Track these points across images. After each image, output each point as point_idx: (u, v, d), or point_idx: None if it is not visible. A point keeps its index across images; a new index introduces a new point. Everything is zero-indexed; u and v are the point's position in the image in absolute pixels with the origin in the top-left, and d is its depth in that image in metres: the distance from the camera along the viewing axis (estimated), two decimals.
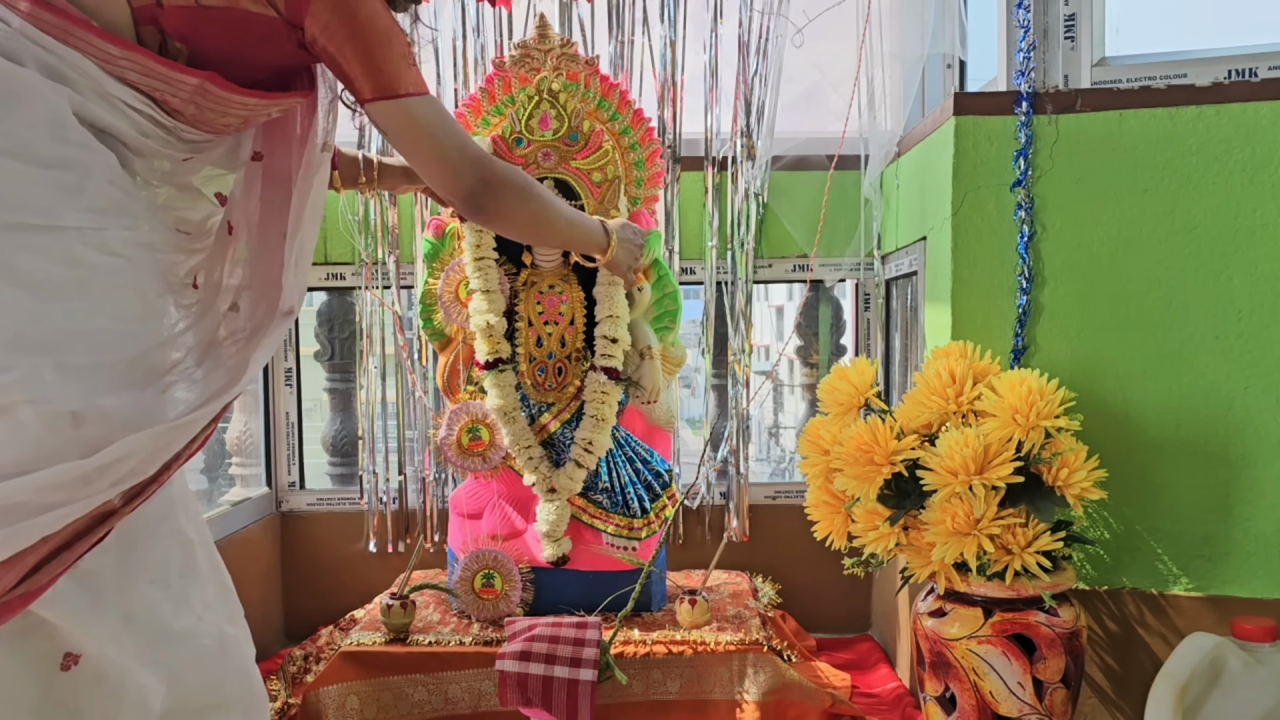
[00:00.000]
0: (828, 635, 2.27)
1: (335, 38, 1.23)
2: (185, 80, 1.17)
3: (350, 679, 1.69)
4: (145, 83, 1.16)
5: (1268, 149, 1.67)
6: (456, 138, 1.33)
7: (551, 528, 1.84)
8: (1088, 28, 1.88)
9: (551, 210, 1.50)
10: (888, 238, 2.27)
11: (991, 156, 1.76)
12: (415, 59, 1.33)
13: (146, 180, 1.24)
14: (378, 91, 1.26)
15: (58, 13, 1.10)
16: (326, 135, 1.38)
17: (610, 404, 1.84)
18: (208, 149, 1.29)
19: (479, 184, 1.34)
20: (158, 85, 1.17)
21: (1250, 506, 1.69)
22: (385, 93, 1.26)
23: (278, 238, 1.33)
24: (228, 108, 1.23)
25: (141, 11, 1.16)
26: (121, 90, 1.15)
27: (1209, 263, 1.70)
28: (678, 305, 1.96)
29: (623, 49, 2.26)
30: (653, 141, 1.92)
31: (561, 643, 1.59)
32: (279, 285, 1.32)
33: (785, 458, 3.35)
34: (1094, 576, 1.76)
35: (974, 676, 1.54)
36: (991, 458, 1.48)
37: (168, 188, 1.27)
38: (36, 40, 1.09)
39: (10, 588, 1.03)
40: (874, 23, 2.23)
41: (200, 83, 1.18)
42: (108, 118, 1.15)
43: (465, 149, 1.34)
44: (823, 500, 1.67)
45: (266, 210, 1.35)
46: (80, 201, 1.10)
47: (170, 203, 1.27)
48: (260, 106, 1.26)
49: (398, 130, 1.29)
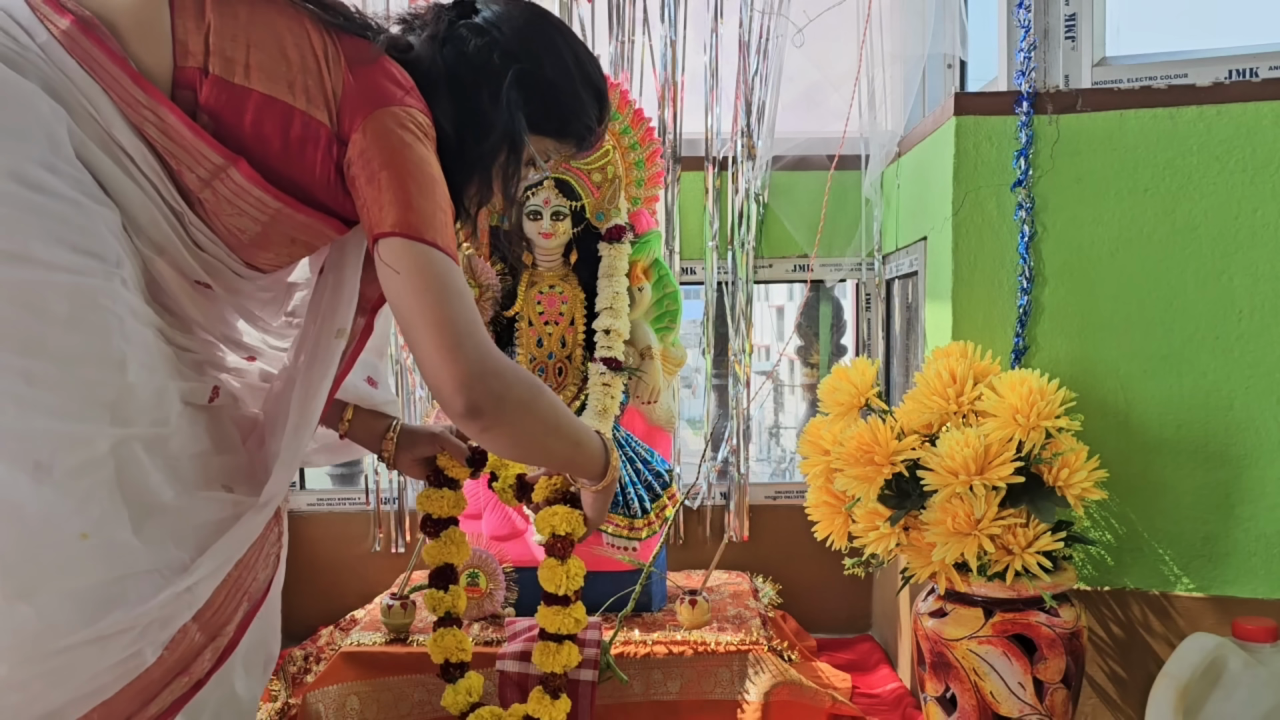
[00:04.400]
0: (828, 635, 2.27)
1: (376, 159, 1.10)
2: (210, 156, 1.06)
3: (350, 679, 1.69)
4: (162, 143, 1.05)
5: (1268, 149, 1.67)
6: (470, 311, 1.09)
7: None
8: (1088, 28, 1.88)
9: (558, 419, 1.22)
10: (888, 238, 2.27)
11: (992, 156, 1.76)
12: (454, 227, 1.16)
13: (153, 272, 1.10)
14: (399, 226, 1.07)
15: (95, 40, 1.02)
16: (341, 319, 1.22)
17: (612, 395, 1.84)
18: (220, 273, 1.16)
19: (480, 368, 1.07)
20: (176, 152, 1.05)
21: (1251, 506, 1.69)
22: (408, 230, 1.07)
23: (280, 421, 1.21)
24: (245, 204, 1.10)
25: (184, 73, 1.06)
26: (133, 142, 1.03)
27: (1210, 263, 1.70)
28: (678, 305, 1.96)
29: (623, 49, 2.26)
30: (653, 141, 1.92)
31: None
32: (268, 465, 1.20)
33: (786, 458, 3.35)
34: (1095, 577, 1.76)
35: (974, 677, 1.54)
36: (992, 458, 1.48)
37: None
38: (55, 59, 1.00)
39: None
40: (874, 23, 2.23)
41: (225, 164, 1.07)
42: (109, 170, 1.02)
43: (475, 326, 1.09)
44: (823, 500, 1.67)
45: (273, 400, 1.26)
46: (62, 234, 0.95)
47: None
48: (280, 216, 1.13)
49: (404, 275, 1.07)
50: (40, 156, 0.96)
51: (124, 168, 1.04)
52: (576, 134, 1.33)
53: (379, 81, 1.14)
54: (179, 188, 1.08)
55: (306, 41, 1.12)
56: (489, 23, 1.26)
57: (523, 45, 1.25)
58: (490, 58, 1.22)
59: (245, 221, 1.12)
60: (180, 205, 1.09)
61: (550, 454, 1.28)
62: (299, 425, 1.20)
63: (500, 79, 1.22)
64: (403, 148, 1.11)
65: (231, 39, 1.08)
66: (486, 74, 1.22)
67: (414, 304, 1.07)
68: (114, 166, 1.03)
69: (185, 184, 1.08)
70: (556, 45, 1.28)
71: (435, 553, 1.48)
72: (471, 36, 1.24)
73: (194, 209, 1.10)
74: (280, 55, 1.10)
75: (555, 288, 1.89)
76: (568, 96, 1.29)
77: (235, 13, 1.09)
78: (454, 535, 1.48)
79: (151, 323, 1.07)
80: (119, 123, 1.03)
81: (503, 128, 1.22)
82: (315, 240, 1.20)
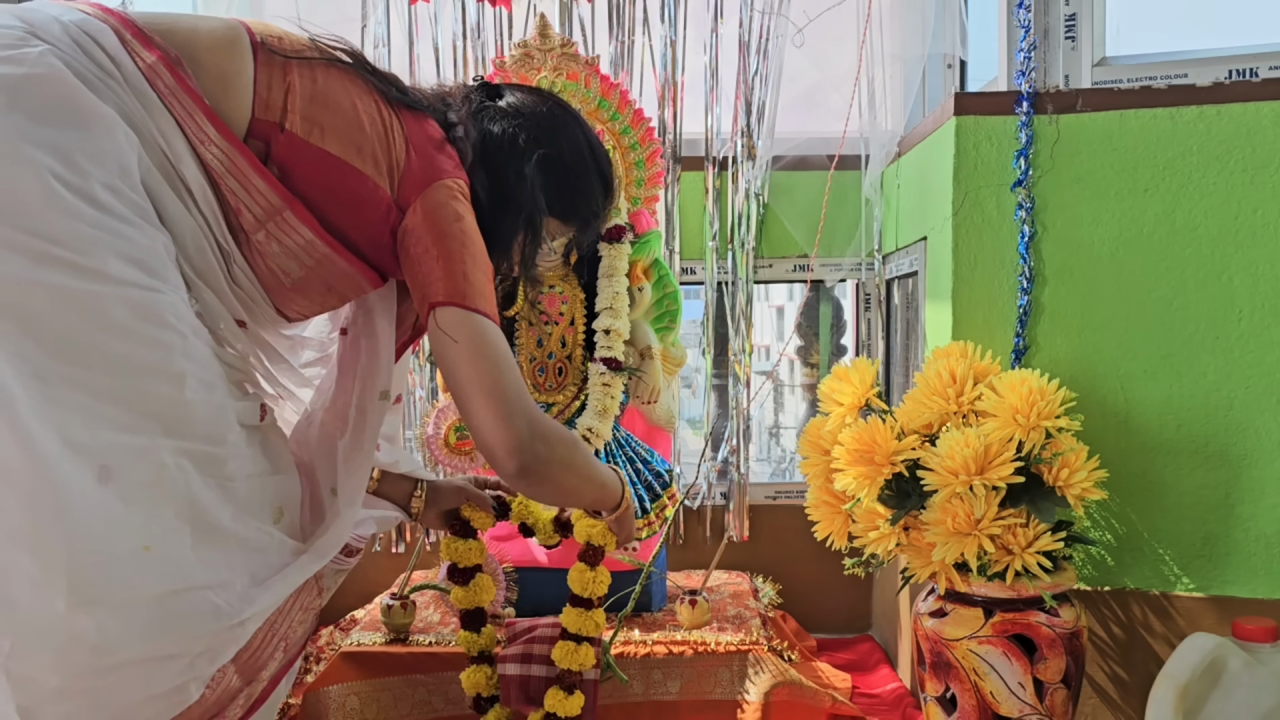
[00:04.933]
0: (828, 635, 2.27)
1: (433, 231, 1.17)
2: (270, 197, 1.11)
3: (350, 679, 1.69)
4: (226, 181, 1.09)
5: (1268, 149, 1.67)
6: (517, 378, 1.18)
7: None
8: (1088, 28, 1.88)
9: (590, 470, 1.32)
10: (888, 238, 2.27)
11: (992, 156, 1.76)
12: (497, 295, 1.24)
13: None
14: (452, 296, 1.15)
15: (178, 76, 1.06)
16: (384, 382, 1.28)
17: (612, 395, 1.84)
18: (253, 313, 1.19)
19: (530, 436, 1.16)
20: (238, 191, 1.10)
21: (1251, 506, 1.69)
22: (463, 300, 1.15)
23: (323, 472, 1.27)
24: (295, 245, 1.15)
25: (261, 124, 1.11)
26: (196, 177, 1.08)
27: (1210, 263, 1.70)
28: (678, 305, 1.96)
29: (623, 49, 2.26)
30: (653, 141, 1.92)
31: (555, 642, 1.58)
32: (322, 511, 1.25)
33: (786, 458, 3.35)
34: (1095, 577, 1.76)
35: (974, 677, 1.54)
36: (992, 458, 1.48)
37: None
38: (136, 88, 1.04)
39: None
40: (874, 23, 2.23)
41: (283, 205, 1.12)
42: (169, 200, 1.06)
43: (523, 393, 1.18)
44: (823, 500, 1.67)
45: (309, 448, 1.29)
46: (129, 253, 0.98)
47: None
48: (325, 262, 1.18)
49: (461, 344, 1.15)
50: (108, 180, 0.99)
51: (183, 200, 1.07)
52: (582, 217, 1.43)
53: (434, 156, 1.22)
54: (230, 227, 1.12)
55: (375, 113, 1.19)
56: (513, 107, 1.35)
57: (544, 130, 1.34)
58: (517, 140, 1.31)
59: (291, 264, 1.16)
60: (229, 244, 1.13)
61: (581, 497, 1.39)
62: (353, 488, 1.26)
63: (525, 160, 1.30)
64: (457, 220, 1.19)
65: (311, 101, 1.14)
66: (513, 155, 1.31)
67: (470, 372, 1.15)
68: (174, 198, 1.07)
69: (241, 223, 1.12)
70: (573, 133, 1.38)
71: (466, 599, 1.54)
72: (499, 118, 1.33)
73: (241, 249, 1.14)
74: (354, 122, 1.17)
75: (555, 288, 1.89)
76: (581, 182, 1.39)
77: (315, 77, 1.16)
78: (482, 582, 1.54)
79: (209, 342, 1.09)
80: (187, 157, 1.07)
81: (527, 206, 1.30)
82: (349, 291, 1.25)
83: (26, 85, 0.96)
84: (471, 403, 1.16)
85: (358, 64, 1.22)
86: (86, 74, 1.01)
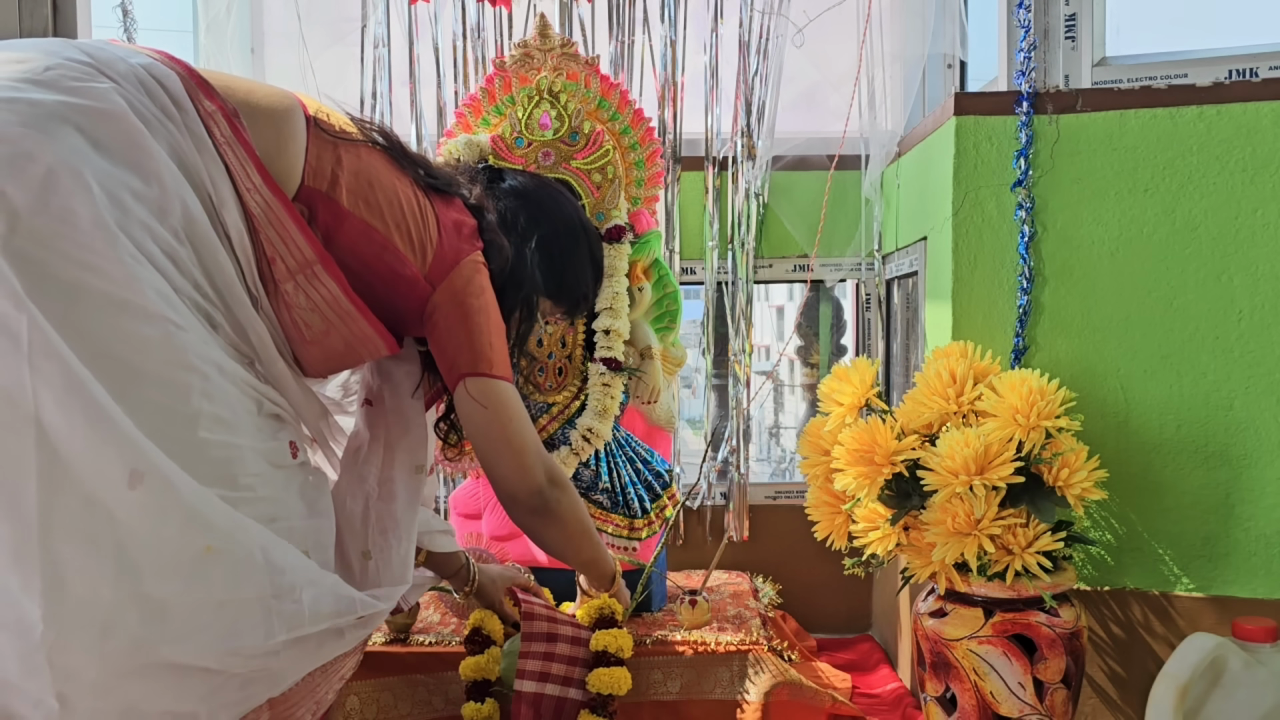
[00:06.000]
0: (828, 635, 2.27)
1: (461, 307, 1.28)
2: (305, 250, 1.16)
3: (350, 679, 1.68)
4: (266, 232, 1.14)
5: (1268, 149, 1.67)
6: (534, 432, 1.34)
7: None
8: (1088, 28, 1.88)
9: (589, 528, 1.49)
10: (888, 238, 2.27)
11: (992, 156, 1.76)
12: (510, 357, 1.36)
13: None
14: (478, 366, 1.28)
15: (235, 128, 1.12)
16: (419, 457, 1.37)
17: (612, 395, 1.84)
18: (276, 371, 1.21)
19: (548, 483, 1.34)
20: (275, 242, 1.15)
21: (1251, 506, 1.69)
22: (488, 369, 1.28)
23: (353, 536, 1.31)
24: (320, 300, 1.20)
25: (309, 191, 1.19)
26: (237, 224, 1.12)
27: (1210, 263, 1.70)
28: (678, 305, 1.95)
29: (623, 49, 2.26)
30: (653, 141, 1.92)
31: (574, 663, 1.58)
32: (355, 579, 1.28)
33: (786, 458, 3.35)
34: (1095, 577, 1.76)
35: (975, 677, 1.54)
36: (992, 458, 1.48)
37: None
38: (193, 131, 1.09)
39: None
40: (874, 23, 2.23)
41: (316, 260, 1.17)
42: (208, 242, 1.09)
43: (540, 446, 1.35)
44: (823, 500, 1.67)
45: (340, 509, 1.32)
46: (162, 289, 1.01)
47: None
48: (348, 320, 1.22)
49: (491, 409, 1.28)
50: (145, 219, 1.01)
51: (222, 242, 1.11)
52: (571, 299, 1.56)
53: (460, 235, 1.33)
54: (261, 275, 1.16)
55: (411, 195, 1.30)
56: (514, 190, 1.48)
57: (544, 212, 1.47)
58: (519, 219, 1.43)
59: (315, 318, 1.21)
60: (258, 291, 1.17)
61: (580, 552, 1.50)
62: (400, 560, 1.32)
63: (526, 239, 1.41)
64: (480, 294, 1.31)
65: (357, 176, 1.23)
66: (516, 234, 1.41)
67: (499, 433, 1.30)
68: (214, 240, 1.10)
69: (274, 272, 1.16)
70: (570, 218, 1.51)
71: (475, 670, 1.57)
72: (504, 198, 1.45)
73: (270, 297, 1.18)
74: (394, 200, 1.26)
75: None
76: (574, 265, 1.52)
77: (360, 155, 1.26)
78: (493, 653, 1.59)
79: (238, 379, 1.10)
80: (230, 202, 1.11)
81: (526, 283, 1.41)
82: (365, 353, 1.30)
83: (92, 116, 1.00)
84: (498, 456, 1.31)
85: (393, 148, 1.32)
86: (147, 114, 1.06)
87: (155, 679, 0.98)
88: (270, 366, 1.19)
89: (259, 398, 1.15)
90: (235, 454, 1.07)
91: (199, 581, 0.99)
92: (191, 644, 0.99)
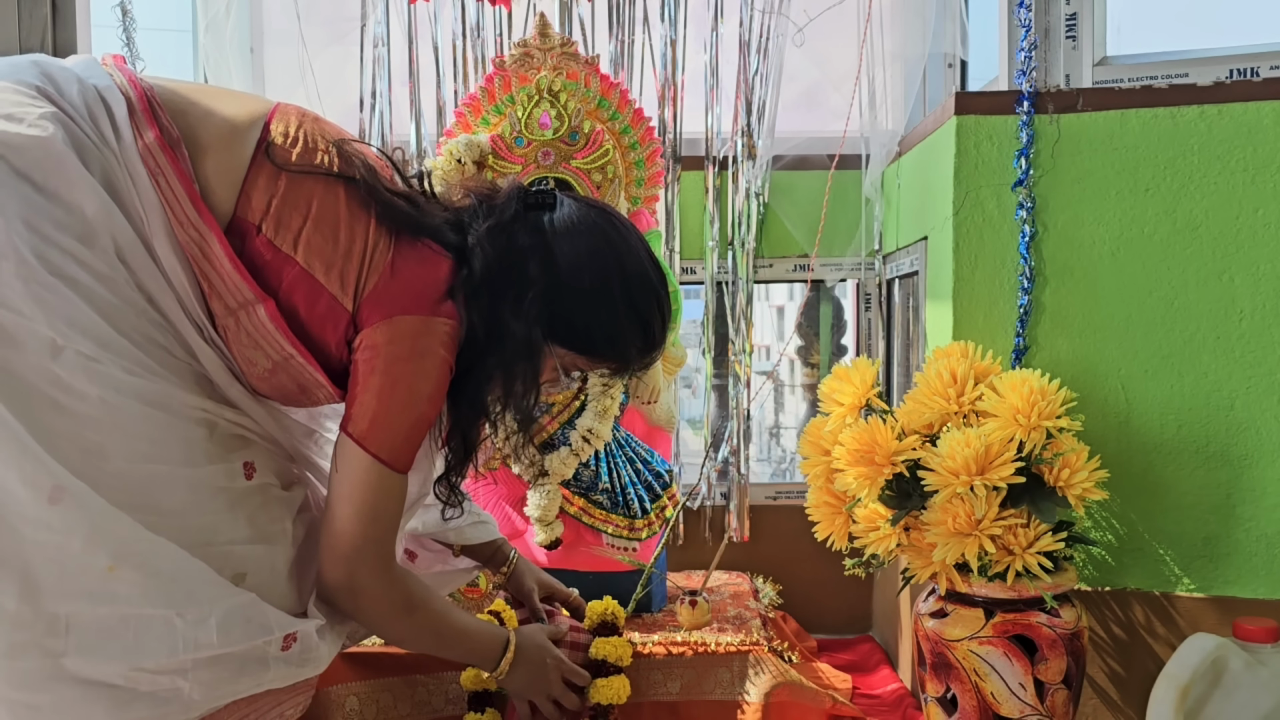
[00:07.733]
0: (829, 636, 2.27)
1: (376, 361, 1.16)
2: (242, 290, 1.12)
3: (350, 679, 1.68)
4: (202, 266, 1.11)
5: (1269, 149, 1.67)
6: (376, 527, 1.19)
7: (543, 512, 1.82)
8: (1089, 27, 1.87)
9: (439, 636, 1.34)
10: (889, 237, 2.27)
11: (993, 156, 1.75)
12: (419, 449, 1.22)
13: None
14: (362, 436, 1.16)
15: (171, 157, 1.09)
16: (424, 488, 1.31)
17: (612, 395, 1.83)
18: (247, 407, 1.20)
19: (350, 585, 1.19)
20: (212, 278, 1.12)
21: (1252, 507, 1.69)
22: (368, 444, 1.16)
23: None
24: (262, 340, 1.15)
25: (242, 222, 1.13)
26: (170, 258, 1.09)
27: (1211, 263, 1.70)
28: (678, 305, 1.95)
29: (623, 48, 2.26)
30: (653, 141, 1.92)
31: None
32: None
33: (786, 458, 3.34)
34: (1095, 577, 1.76)
35: (975, 677, 1.54)
36: (993, 458, 1.48)
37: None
38: (127, 161, 1.07)
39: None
40: (875, 22, 2.23)
41: (254, 300, 1.13)
42: (148, 271, 1.09)
43: (377, 541, 1.20)
44: (824, 501, 1.67)
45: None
46: (73, 315, 1.01)
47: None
48: (291, 363, 1.17)
49: (339, 472, 1.18)
50: (69, 245, 1.02)
51: (161, 273, 1.10)
52: (610, 358, 1.29)
53: (415, 287, 1.18)
54: (206, 309, 1.14)
55: (362, 233, 1.17)
56: (551, 225, 1.23)
57: (568, 258, 1.22)
58: (528, 263, 1.21)
59: (259, 356, 1.17)
60: (203, 322, 1.14)
61: (428, 651, 1.45)
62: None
63: (529, 287, 1.20)
64: (404, 360, 1.16)
65: (293, 208, 1.14)
66: (518, 279, 1.20)
67: (335, 494, 1.19)
68: (151, 267, 1.09)
69: (212, 308, 1.14)
70: (606, 267, 1.23)
71: (471, 680, 1.56)
72: (524, 234, 1.23)
73: (216, 330, 1.15)
74: (331, 237, 1.16)
75: None
76: (603, 320, 1.25)
77: (304, 187, 1.15)
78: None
79: (176, 403, 1.10)
80: (162, 234, 1.09)
81: (520, 337, 1.20)
82: (317, 395, 1.24)
83: (16, 144, 1.01)
84: (326, 524, 1.20)
85: (365, 184, 1.18)
86: (85, 140, 1.05)
87: (62, 694, 0.99)
88: (228, 390, 1.18)
89: (212, 419, 1.15)
90: (156, 482, 1.07)
91: (103, 600, 1.00)
92: (97, 657, 1.00)
